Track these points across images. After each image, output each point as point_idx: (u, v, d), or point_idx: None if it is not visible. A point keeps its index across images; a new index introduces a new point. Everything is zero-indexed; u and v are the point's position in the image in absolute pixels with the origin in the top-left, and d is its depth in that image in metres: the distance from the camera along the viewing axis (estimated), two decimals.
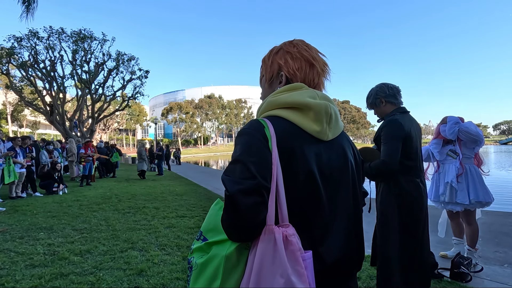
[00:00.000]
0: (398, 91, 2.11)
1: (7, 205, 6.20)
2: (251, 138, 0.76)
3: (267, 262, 0.66)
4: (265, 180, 0.71)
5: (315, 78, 0.91)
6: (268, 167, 0.72)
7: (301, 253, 0.68)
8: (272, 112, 0.84)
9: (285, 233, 0.68)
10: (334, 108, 0.86)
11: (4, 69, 17.21)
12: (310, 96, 0.83)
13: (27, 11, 8.07)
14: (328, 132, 0.83)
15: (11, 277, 2.77)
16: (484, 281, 2.69)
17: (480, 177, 2.99)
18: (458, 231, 3.15)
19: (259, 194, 0.70)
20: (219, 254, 0.74)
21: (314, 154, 0.79)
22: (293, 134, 0.79)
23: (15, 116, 39.94)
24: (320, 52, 0.95)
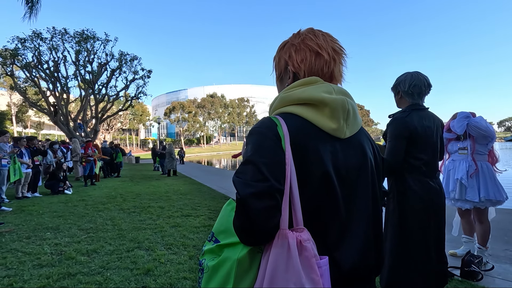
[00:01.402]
0: (421, 91, 1.99)
1: (13, 205, 6.24)
2: (263, 138, 0.73)
3: (280, 269, 0.63)
4: (278, 182, 0.68)
5: (324, 68, 0.83)
6: (281, 168, 0.69)
7: (316, 259, 0.64)
8: (285, 109, 0.79)
9: (299, 238, 0.65)
10: (352, 104, 0.80)
11: (8, 70, 17.34)
12: (325, 91, 0.77)
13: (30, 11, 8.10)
14: (346, 130, 0.78)
15: (19, 277, 2.78)
16: (495, 280, 2.65)
17: (493, 174, 2.92)
18: (468, 229, 3.10)
19: (272, 197, 0.66)
20: (231, 257, 0.71)
21: (329, 153, 0.75)
22: (308, 132, 0.74)
23: (19, 117, 40.27)
24: (332, 38, 0.86)
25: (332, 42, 0.85)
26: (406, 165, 1.93)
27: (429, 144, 1.94)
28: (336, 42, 0.86)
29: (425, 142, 1.92)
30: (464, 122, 2.94)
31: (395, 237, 1.95)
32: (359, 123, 0.84)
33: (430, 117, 2.00)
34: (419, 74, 2.02)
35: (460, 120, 2.97)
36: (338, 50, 0.85)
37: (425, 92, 2.01)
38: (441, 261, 1.96)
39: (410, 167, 1.93)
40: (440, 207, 1.97)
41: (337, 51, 0.85)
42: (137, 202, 6.63)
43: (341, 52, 0.86)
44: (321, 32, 0.86)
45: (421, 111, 1.99)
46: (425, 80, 2.01)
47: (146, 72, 21.04)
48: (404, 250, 1.91)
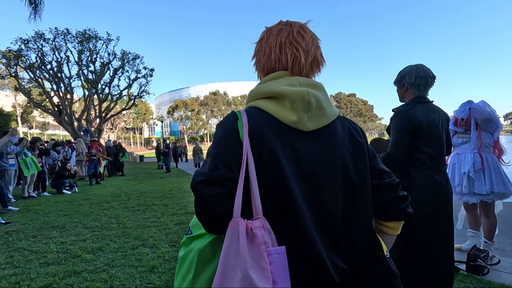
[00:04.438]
0: (427, 82, 1.96)
1: (20, 204, 6.31)
2: (222, 131, 0.76)
3: (230, 256, 0.64)
4: (230, 170, 0.69)
5: (275, 66, 0.83)
6: (234, 157, 0.70)
7: (266, 246, 0.63)
8: (252, 103, 0.81)
9: (250, 225, 0.65)
10: (317, 95, 0.77)
11: (12, 71, 17.49)
12: (288, 84, 0.78)
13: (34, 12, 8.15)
14: (307, 122, 0.76)
15: (26, 275, 2.81)
16: (501, 274, 2.63)
17: (498, 167, 2.88)
18: (474, 223, 3.07)
19: (220, 184, 0.68)
20: (194, 247, 0.74)
21: (289, 146, 0.74)
22: (267, 125, 0.74)
23: (25, 117, 40.69)
24: (301, 31, 0.84)
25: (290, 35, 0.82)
26: (411, 159, 1.90)
27: (435, 137, 1.90)
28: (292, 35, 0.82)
29: (430, 135, 1.88)
30: (466, 106, 2.92)
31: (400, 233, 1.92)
32: (329, 115, 0.80)
33: (435, 110, 1.96)
34: (424, 66, 1.99)
35: (462, 106, 2.96)
36: (295, 44, 0.82)
37: (431, 83, 1.98)
38: (449, 260, 1.93)
39: (415, 161, 1.90)
40: (447, 201, 1.93)
41: (294, 45, 0.82)
42: (142, 200, 6.68)
43: (298, 46, 0.82)
44: (280, 26, 0.85)
45: (426, 104, 1.95)
46: (430, 71, 1.98)
47: (149, 70, 21.10)
48: (409, 246, 1.89)
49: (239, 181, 0.69)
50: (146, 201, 6.61)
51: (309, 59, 0.83)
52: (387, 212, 0.88)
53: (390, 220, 0.89)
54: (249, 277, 0.60)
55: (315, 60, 0.85)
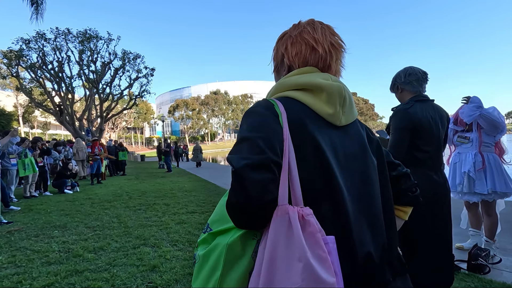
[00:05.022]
0: (418, 78, 1.97)
1: (21, 204, 6.34)
2: (259, 115, 0.71)
3: (280, 247, 0.57)
4: (276, 155, 0.64)
5: (319, 63, 0.81)
6: (279, 142, 0.66)
7: (322, 235, 0.58)
8: (282, 93, 0.78)
9: (301, 212, 0.59)
10: (349, 92, 0.80)
11: (14, 71, 17.54)
12: (322, 78, 0.77)
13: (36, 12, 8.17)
14: (342, 116, 0.77)
15: (28, 274, 2.82)
16: (503, 273, 2.62)
17: (500, 166, 2.87)
18: (476, 222, 3.06)
19: (268, 169, 0.62)
20: (221, 243, 0.67)
21: (328, 138, 0.73)
22: (305, 114, 0.73)
23: (26, 117, 40.79)
24: (331, 31, 0.84)
25: (331, 35, 0.83)
26: (410, 158, 1.89)
27: (434, 136, 1.89)
28: (335, 36, 0.84)
29: (429, 134, 1.88)
30: (476, 112, 2.81)
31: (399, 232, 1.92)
32: (355, 113, 0.83)
33: (435, 109, 1.95)
34: (411, 66, 2.03)
35: (471, 109, 2.83)
36: (336, 45, 0.83)
37: (422, 78, 1.98)
38: (447, 257, 1.93)
39: (414, 160, 1.89)
40: (445, 201, 1.92)
41: (335, 46, 0.83)
42: (143, 200, 6.69)
43: (339, 47, 0.84)
44: (321, 25, 0.84)
45: (425, 103, 1.95)
46: (418, 68, 2.00)
47: (149, 70, 21.14)
48: (407, 245, 1.89)
49: (283, 167, 0.64)
50: (147, 200, 6.62)
51: (334, 59, 0.84)
52: (406, 198, 0.94)
53: (408, 205, 0.96)
54: (312, 266, 0.53)
55: (339, 61, 0.86)
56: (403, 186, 0.92)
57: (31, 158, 6.90)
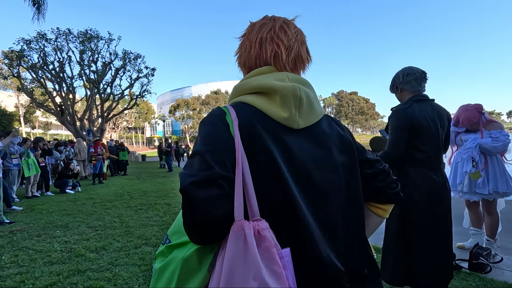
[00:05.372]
0: (417, 77, 1.97)
1: (23, 204, 6.36)
2: (210, 126, 0.69)
3: (237, 263, 0.56)
4: (225, 169, 0.62)
5: (276, 60, 0.78)
6: (229, 154, 0.64)
7: (277, 249, 0.58)
8: (238, 98, 0.76)
9: (256, 227, 0.58)
10: (307, 92, 0.74)
11: (15, 72, 17.58)
12: (278, 79, 0.73)
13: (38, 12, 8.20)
14: (298, 119, 0.72)
15: (31, 274, 2.84)
16: (504, 272, 2.62)
17: (502, 166, 2.87)
18: (476, 221, 3.07)
19: (216, 185, 0.60)
20: (177, 257, 0.66)
21: (281, 144, 0.69)
22: (257, 121, 0.69)
23: (27, 117, 40.89)
24: (288, 24, 0.80)
25: (287, 28, 0.80)
26: (409, 158, 1.90)
27: (433, 136, 1.90)
28: (292, 28, 0.80)
29: (428, 133, 1.88)
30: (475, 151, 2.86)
31: (398, 231, 1.94)
32: (318, 113, 0.77)
33: (434, 108, 1.96)
34: (409, 66, 2.04)
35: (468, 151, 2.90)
36: (294, 38, 0.80)
37: (421, 78, 1.98)
38: (447, 256, 1.94)
39: (413, 160, 1.90)
40: (445, 200, 1.93)
41: (293, 39, 0.79)
42: (144, 200, 6.71)
43: (298, 40, 0.80)
44: (275, 19, 0.81)
45: (424, 102, 1.95)
46: (417, 68, 2.01)
47: (150, 70, 21.15)
48: (407, 244, 1.90)
49: (237, 180, 0.62)
50: (149, 200, 6.64)
51: (292, 56, 0.79)
52: (384, 195, 0.88)
53: (387, 202, 0.90)
54: (266, 284, 0.54)
55: (298, 56, 0.81)
56: (381, 183, 0.87)
57: (33, 158, 6.92)
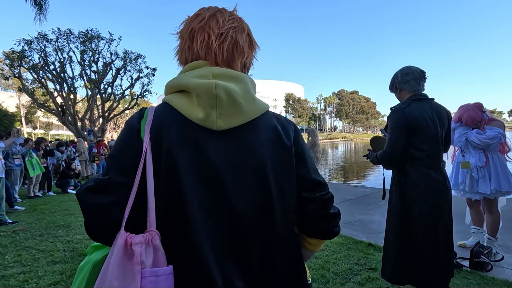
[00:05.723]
0: (415, 77, 1.99)
1: (26, 204, 6.39)
2: (123, 130, 0.68)
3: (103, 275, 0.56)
4: (123, 174, 0.61)
5: (207, 54, 0.72)
6: (129, 160, 0.62)
7: (143, 267, 0.53)
8: (165, 98, 0.72)
9: (130, 240, 0.55)
10: (230, 89, 0.66)
11: (16, 72, 17.61)
12: (199, 75, 0.67)
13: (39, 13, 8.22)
14: (217, 120, 0.65)
15: (34, 273, 2.86)
16: (505, 270, 2.63)
17: (504, 165, 2.87)
18: (478, 220, 3.07)
19: (108, 192, 0.60)
20: (90, 260, 0.66)
21: (193, 147, 0.64)
22: (172, 122, 0.65)
23: (28, 118, 40.98)
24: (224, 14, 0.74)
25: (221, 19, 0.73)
26: (408, 157, 1.92)
27: (432, 134, 1.91)
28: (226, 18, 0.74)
29: (426, 132, 1.89)
30: (462, 138, 2.94)
31: (398, 229, 1.95)
32: (248, 113, 0.68)
33: (433, 107, 1.97)
34: (408, 65, 2.05)
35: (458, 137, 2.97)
36: (229, 29, 0.73)
37: (420, 77, 2.00)
38: (448, 254, 1.95)
39: (412, 159, 1.91)
40: (445, 199, 1.94)
41: (228, 30, 0.73)
42: None
43: (234, 31, 0.73)
44: (212, 12, 0.75)
45: (423, 101, 1.96)
46: (416, 67, 2.02)
47: (151, 70, 21.14)
48: (407, 243, 1.91)
49: (133, 187, 0.60)
50: None
51: (225, 44, 0.72)
52: (312, 229, 0.77)
53: (314, 237, 0.79)
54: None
55: (236, 44, 0.73)
56: (313, 213, 0.75)
57: (37, 158, 6.95)
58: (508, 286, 2.34)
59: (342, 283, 2.48)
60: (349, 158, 24.78)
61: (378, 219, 4.47)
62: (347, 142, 75.85)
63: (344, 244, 3.37)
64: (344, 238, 3.59)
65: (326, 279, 2.54)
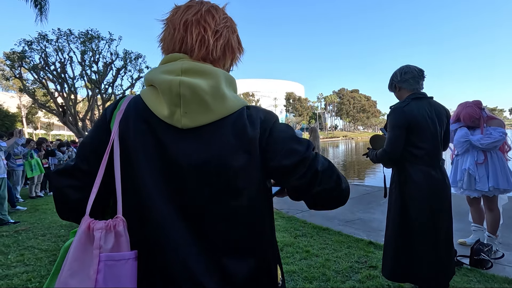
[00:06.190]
0: (414, 75, 2.00)
1: (27, 204, 6.42)
2: (98, 118, 0.73)
3: (68, 257, 0.58)
4: (85, 161, 0.67)
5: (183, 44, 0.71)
6: (93, 149, 0.67)
7: (101, 252, 0.55)
8: (142, 90, 0.73)
9: (92, 225, 0.58)
10: (197, 87, 0.63)
11: (16, 73, 17.65)
12: (167, 71, 0.66)
13: (40, 13, 8.23)
14: (182, 118, 0.64)
15: (37, 272, 2.88)
16: (505, 268, 2.64)
17: (503, 163, 2.87)
18: (478, 217, 3.08)
19: (70, 176, 0.67)
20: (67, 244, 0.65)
21: (155, 143, 0.65)
22: (140, 116, 0.67)
23: (29, 118, 41.07)
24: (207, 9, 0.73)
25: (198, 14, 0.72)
26: (407, 155, 1.93)
27: (431, 133, 1.92)
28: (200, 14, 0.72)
29: (426, 131, 1.91)
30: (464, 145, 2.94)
31: (398, 227, 1.96)
32: (217, 111, 0.66)
33: (432, 106, 1.98)
34: (407, 64, 2.07)
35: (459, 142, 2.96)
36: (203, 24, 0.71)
37: (418, 75, 2.01)
38: (448, 252, 1.96)
39: (411, 157, 1.93)
40: (444, 197, 1.95)
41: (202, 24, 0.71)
42: None
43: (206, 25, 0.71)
44: (188, 4, 0.75)
45: (422, 100, 1.98)
46: (414, 66, 2.03)
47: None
48: (407, 240, 1.92)
49: (98, 175, 0.63)
50: None
51: (220, 42, 0.72)
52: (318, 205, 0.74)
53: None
54: (67, 285, 0.55)
55: (228, 44, 0.74)
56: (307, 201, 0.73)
57: (37, 159, 6.98)
58: (508, 283, 2.35)
59: (343, 281, 2.49)
60: (350, 157, 24.78)
61: (379, 217, 4.48)
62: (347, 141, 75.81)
63: (345, 243, 3.39)
64: (345, 237, 3.60)
65: (327, 277, 2.56)
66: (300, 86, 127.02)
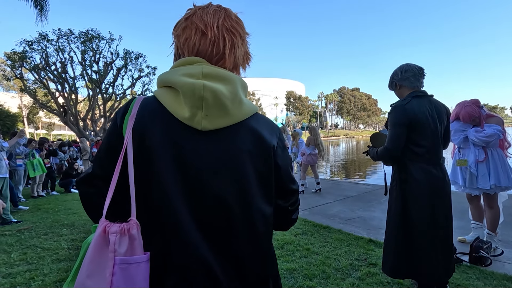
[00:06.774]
0: (415, 73, 2.01)
1: (29, 204, 6.45)
2: (110, 124, 0.72)
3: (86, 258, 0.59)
4: (101, 168, 0.68)
5: (209, 49, 0.73)
6: (111, 154, 0.67)
7: (116, 255, 0.57)
8: (155, 90, 0.73)
9: (108, 229, 0.59)
10: (218, 91, 0.66)
11: (17, 73, 17.68)
12: (188, 74, 0.68)
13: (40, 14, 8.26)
14: (202, 121, 0.66)
15: (40, 271, 2.91)
16: (505, 265, 2.65)
17: (504, 161, 2.88)
18: (477, 215, 3.09)
19: (90, 184, 0.69)
20: (89, 239, 0.66)
21: (174, 144, 0.66)
22: (156, 117, 0.67)
23: (30, 118, 41.16)
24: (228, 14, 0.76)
25: (227, 18, 0.75)
26: (408, 153, 1.94)
27: (431, 131, 1.93)
28: (231, 19, 0.75)
29: (426, 129, 1.92)
30: (460, 136, 2.96)
31: (398, 225, 1.97)
32: (234, 115, 0.69)
33: (432, 104, 1.99)
34: (407, 63, 2.08)
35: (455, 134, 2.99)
36: (233, 30, 0.74)
37: (419, 73, 2.02)
38: (448, 249, 1.97)
39: (412, 155, 1.94)
40: (444, 194, 1.96)
41: (231, 30, 0.74)
42: None
43: (236, 32, 0.75)
44: (215, 8, 0.76)
45: (422, 98, 1.98)
46: (414, 65, 2.04)
47: (151, 69, 21.18)
48: (407, 237, 1.93)
49: (113, 179, 0.63)
50: None
51: (243, 50, 0.77)
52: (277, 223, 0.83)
53: None
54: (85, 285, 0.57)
55: (247, 53, 0.80)
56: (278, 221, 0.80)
57: (39, 159, 7.01)
58: (507, 280, 2.36)
59: (343, 279, 2.51)
60: (351, 155, 24.77)
61: (379, 215, 4.49)
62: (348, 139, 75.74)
63: (345, 240, 3.40)
64: (345, 235, 3.62)
65: (327, 275, 2.58)
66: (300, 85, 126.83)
